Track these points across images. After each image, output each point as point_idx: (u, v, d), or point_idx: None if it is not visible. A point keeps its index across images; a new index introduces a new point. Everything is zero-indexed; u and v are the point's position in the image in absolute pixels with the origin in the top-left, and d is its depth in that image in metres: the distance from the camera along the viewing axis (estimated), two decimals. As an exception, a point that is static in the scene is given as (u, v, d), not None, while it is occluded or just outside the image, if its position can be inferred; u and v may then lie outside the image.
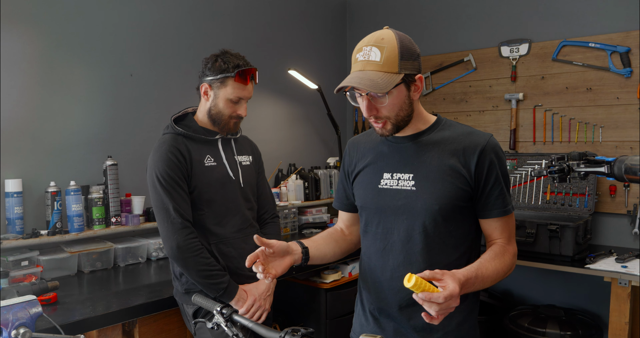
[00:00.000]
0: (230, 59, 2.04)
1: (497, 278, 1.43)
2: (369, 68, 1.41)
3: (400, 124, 1.49)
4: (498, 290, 3.60)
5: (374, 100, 1.44)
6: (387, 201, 1.54)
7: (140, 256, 2.67)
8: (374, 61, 1.41)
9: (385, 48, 1.41)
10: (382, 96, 1.42)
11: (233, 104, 2.06)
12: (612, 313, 2.57)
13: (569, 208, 3.16)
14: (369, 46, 1.42)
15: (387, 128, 1.49)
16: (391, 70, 1.40)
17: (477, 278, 1.34)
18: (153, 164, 2.00)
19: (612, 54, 3.10)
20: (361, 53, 1.43)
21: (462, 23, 3.74)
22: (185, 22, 3.16)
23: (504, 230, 1.50)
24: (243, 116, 2.10)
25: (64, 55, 2.64)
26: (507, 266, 1.46)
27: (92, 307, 1.94)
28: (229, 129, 2.11)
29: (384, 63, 1.40)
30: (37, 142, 2.54)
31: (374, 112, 1.46)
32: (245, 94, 2.07)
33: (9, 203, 2.37)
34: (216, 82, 2.04)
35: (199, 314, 1.99)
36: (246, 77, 2.04)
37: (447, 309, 1.21)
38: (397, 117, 1.47)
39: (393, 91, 1.42)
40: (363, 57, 1.43)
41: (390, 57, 1.40)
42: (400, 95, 1.45)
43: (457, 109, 3.79)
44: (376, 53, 1.41)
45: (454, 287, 1.21)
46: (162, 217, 1.96)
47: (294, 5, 3.91)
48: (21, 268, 2.25)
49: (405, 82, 1.44)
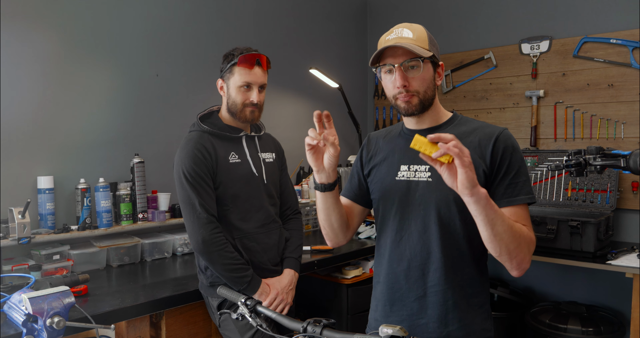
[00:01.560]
0: (235, 50, 2.10)
1: (513, 235, 1.36)
2: (404, 40, 1.50)
3: (425, 103, 1.54)
4: (519, 286, 3.60)
5: (407, 71, 1.51)
6: (404, 192, 1.57)
7: (166, 251, 2.74)
8: (407, 37, 1.51)
9: (416, 29, 1.53)
10: (415, 68, 1.50)
11: (244, 91, 2.09)
12: (634, 309, 2.56)
13: (590, 205, 3.15)
14: (401, 27, 1.54)
15: (414, 102, 1.52)
16: (423, 46, 1.51)
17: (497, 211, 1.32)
18: (180, 161, 2.06)
19: (633, 50, 3.08)
20: (392, 34, 1.53)
21: (482, 21, 3.74)
22: (209, 22, 3.23)
23: (520, 219, 1.46)
24: (255, 102, 2.10)
25: (91, 55, 2.72)
26: (524, 237, 1.40)
27: (121, 299, 2.00)
28: (246, 118, 2.12)
29: (417, 39, 1.51)
30: (68, 140, 2.63)
31: (405, 82, 1.50)
32: (253, 79, 2.08)
33: (41, 199, 2.46)
34: (227, 74, 2.11)
35: (223, 306, 2.05)
36: (250, 62, 2.06)
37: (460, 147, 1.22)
38: (425, 93, 1.53)
39: (424, 65, 1.50)
40: (395, 35, 1.52)
41: (421, 37, 1.52)
42: (430, 72, 1.54)
43: (477, 107, 3.79)
44: (408, 32, 1.52)
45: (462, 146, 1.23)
46: (188, 212, 2.02)
47: (315, 5, 3.96)
48: (53, 262, 2.33)
49: (433, 63, 1.55)
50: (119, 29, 2.82)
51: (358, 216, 1.76)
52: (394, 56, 1.50)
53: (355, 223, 1.76)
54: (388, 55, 1.52)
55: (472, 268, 1.55)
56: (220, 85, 2.16)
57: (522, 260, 1.42)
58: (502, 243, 1.36)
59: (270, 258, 2.15)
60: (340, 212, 1.64)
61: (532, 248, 1.46)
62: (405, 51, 1.49)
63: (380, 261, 1.68)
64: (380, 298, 1.66)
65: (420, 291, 1.55)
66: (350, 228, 1.72)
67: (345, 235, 1.70)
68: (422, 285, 1.54)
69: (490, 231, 1.34)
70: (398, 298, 1.60)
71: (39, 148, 2.53)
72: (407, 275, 1.57)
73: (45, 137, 2.55)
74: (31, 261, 2.30)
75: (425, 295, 1.54)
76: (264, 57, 2.11)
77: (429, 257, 1.53)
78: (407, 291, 1.57)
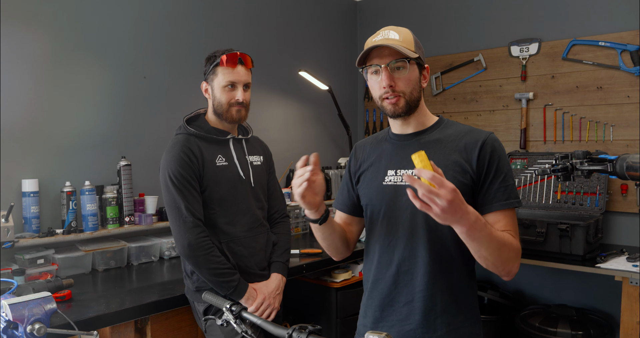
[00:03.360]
0: (217, 52, 2.09)
1: (500, 251, 1.37)
2: (390, 41, 1.50)
3: (411, 104, 1.54)
4: (509, 289, 3.60)
5: (393, 72, 1.51)
6: (392, 196, 1.56)
7: (153, 255, 2.71)
8: (393, 38, 1.51)
9: (402, 32, 1.54)
10: (401, 69, 1.50)
11: (229, 91, 2.07)
12: (624, 312, 2.56)
13: (579, 207, 3.15)
14: (387, 30, 1.54)
15: (400, 104, 1.52)
16: (410, 47, 1.52)
17: (485, 227, 1.31)
18: (166, 164, 2.03)
19: (622, 52, 3.08)
20: (379, 36, 1.54)
21: (472, 23, 3.74)
22: (198, 25, 3.21)
23: (507, 225, 1.48)
24: (241, 100, 2.08)
25: (79, 57, 2.69)
26: (513, 247, 1.41)
27: (106, 304, 1.97)
28: (232, 118, 2.10)
29: (403, 41, 1.52)
30: (53, 143, 2.60)
31: (391, 83, 1.50)
32: (237, 78, 2.07)
33: (25, 202, 2.42)
34: (210, 75, 2.10)
35: (209, 312, 2.02)
36: (233, 61, 2.05)
37: (434, 195, 1.18)
38: (410, 95, 1.53)
39: (410, 66, 1.51)
40: (382, 36, 1.53)
41: (407, 38, 1.53)
42: (415, 73, 1.54)
43: (467, 109, 3.79)
44: (394, 34, 1.52)
45: (449, 183, 1.19)
46: (174, 216, 1.99)
47: (305, 7, 3.94)
48: (37, 266, 2.30)
49: (419, 65, 1.55)
50: (106, 32, 2.79)
51: (357, 226, 1.78)
52: (380, 56, 1.51)
53: (356, 234, 1.78)
54: (374, 56, 1.52)
55: (461, 272, 1.54)
56: (205, 88, 2.14)
57: (510, 269, 1.44)
58: (489, 261, 1.40)
59: (257, 262, 2.13)
60: (340, 234, 1.67)
61: (519, 256, 1.47)
62: (391, 51, 1.49)
63: (369, 266, 1.67)
64: (369, 304, 1.64)
65: (409, 296, 1.54)
66: (352, 240, 1.76)
67: (349, 248, 1.75)
68: (410, 290, 1.53)
69: (477, 254, 1.39)
70: (387, 303, 1.58)
71: (24, 150, 2.50)
72: (395, 280, 1.56)
73: (30, 139, 2.52)
74: (15, 266, 2.27)
75: (414, 300, 1.53)
76: (246, 56, 2.10)
77: (416, 262, 1.52)
78: (396, 297, 1.56)
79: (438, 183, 1.18)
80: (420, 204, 1.22)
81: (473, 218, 1.27)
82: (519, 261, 1.47)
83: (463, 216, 1.25)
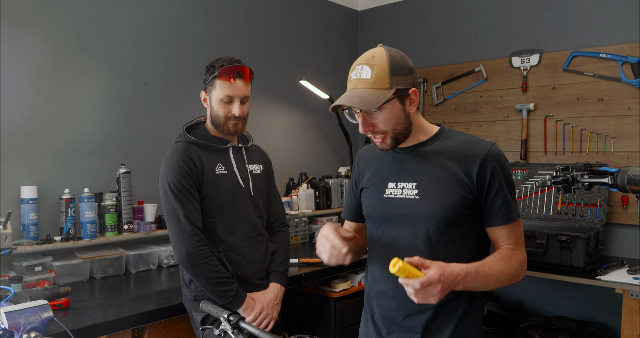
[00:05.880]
0: (217, 61, 2.07)
1: (501, 280, 1.44)
2: (360, 86, 1.46)
3: (399, 138, 1.53)
4: (509, 300, 3.58)
5: (368, 116, 1.49)
6: (392, 210, 1.55)
7: (151, 263, 2.70)
8: (365, 78, 1.45)
9: (375, 65, 1.45)
10: (375, 112, 1.47)
11: (226, 104, 2.06)
12: (624, 325, 2.54)
13: (580, 219, 3.14)
14: (361, 64, 1.48)
15: (387, 142, 1.52)
16: (382, 86, 1.45)
17: (477, 274, 1.37)
18: (165, 172, 2.03)
19: (623, 64, 3.09)
20: (354, 72, 1.49)
21: (473, 34, 3.75)
22: (199, 32, 3.21)
23: (510, 236, 1.51)
24: (237, 115, 2.06)
25: (80, 64, 2.69)
26: (514, 270, 1.46)
27: (103, 313, 1.96)
28: (229, 131, 2.09)
29: (375, 80, 1.45)
30: (53, 150, 2.59)
31: (370, 128, 1.50)
32: (234, 92, 2.04)
33: (24, 209, 2.42)
34: (209, 86, 2.09)
35: (207, 321, 2.01)
36: (231, 75, 2.02)
37: (426, 295, 1.29)
38: (394, 131, 1.50)
39: (385, 106, 1.46)
40: (355, 75, 1.48)
41: (380, 74, 1.45)
42: (395, 109, 1.48)
43: (468, 119, 3.79)
44: (367, 71, 1.46)
45: (434, 274, 1.28)
46: (173, 224, 1.98)
47: (306, 16, 3.95)
48: (35, 274, 2.29)
49: (399, 97, 1.48)
50: (107, 39, 2.79)
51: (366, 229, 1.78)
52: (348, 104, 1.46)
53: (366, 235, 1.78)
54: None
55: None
56: (204, 97, 2.13)
57: (516, 282, 1.50)
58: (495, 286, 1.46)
59: (256, 271, 2.12)
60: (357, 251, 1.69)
61: (524, 266, 1.51)
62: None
63: (369, 278, 1.67)
64: (370, 315, 1.65)
65: (409, 309, 1.53)
66: (364, 244, 1.78)
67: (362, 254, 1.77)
68: (410, 303, 1.51)
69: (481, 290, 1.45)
70: (387, 315, 1.58)
71: (23, 156, 2.49)
72: (395, 293, 1.55)
73: (30, 146, 2.52)
74: (12, 273, 2.25)
75: (414, 313, 1.52)
76: (246, 69, 2.07)
77: (416, 276, 1.51)
78: (396, 309, 1.56)
79: (423, 287, 1.27)
80: (418, 301, 1.32)
81: (462, 278, 1.35)
82: (523, 272, 1.51)
83: (455, 285, 1.34)
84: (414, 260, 1.30)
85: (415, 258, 1.30)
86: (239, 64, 2.06)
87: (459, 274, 1.33)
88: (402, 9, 4.13)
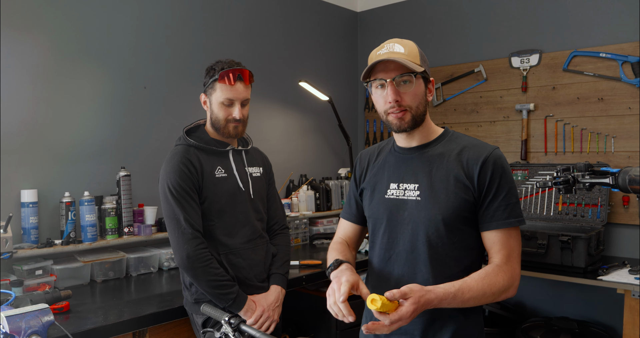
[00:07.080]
0: (217, 64, 2.06)
1: (482, 301, 1.41)
2: (396, 55, 1.47)
3: (417, 119, 1.52)
4: (510, 301, 3.57)
5: (399, 86, 1.49)
6: (393, 211, 1.55)
7: (152, 266, 2.70)
8: (399, 51, 1.49)
9: (407, 45, 1.51)
10: (408, 82, 1.48)
11: (226, 107, 2.06)
12: (626, 325, 2.54)
13: (581, 219, 3.14)
14: (391, 43, 1.51)
15: (406, 119, 1.51)
16: (415, 61, 1.49)
17: (454, 298, 1.36)
18: (165, 175, 2.03)
19: (623, 64, 3.09)
20: (383, 49, 1.51)
21: (473, 34, 3.75)
22: (198, 35, 3.21)
23: (503, 246, 1.47)
24: (238, 118, 2.06)
25: (79, 67, 2.69)
26: (498, 288, 1.42)
27: (104, 316, 1.96)
28: (229, 133, 2.09)
29: (409, 54, 1.49)
30: (53, 153, 2.59)
31: (398, 97, 1.48)
32: (235, 95, 2.04)
33: (24, 213, 2.41)
34: (209, 89, 2.08)
35: (208, 324, 2.01)
36: (231, 78, 2.02)
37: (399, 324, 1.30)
38: (417, 109, 1.51)
39: (416, 80, 1.49)
40: (387, 49, 1.50)
41: (412, 52, 1.50)
42: (421, 87, 1.52)
43: (468, 120, 3.79)
44: (399, 47, 1.50)
45: (405, 312, 1.28)
46: (173, 227, 1.98)
47: (305, 17, 3.95)
48: (35, 277, 2.28)
49: (425, 79, 1.53)
50: (106, 42, 2.79)
51: (361, 235, 1.80)
52: (385, 70, 1.48)
53: (358, 243, 1.82)
54: (379, 70, 1.50)
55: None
56: (204, 100, 2.13)
57: (503, 299, 1.47)
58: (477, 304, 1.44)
59: (256, 274, 2.12)
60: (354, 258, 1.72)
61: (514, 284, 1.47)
62: (397, 65, 1.47)
63: (370, 279, 1.67)
64: (370, 317, 1.64)
65: None
66: (355, 249, 1.81)
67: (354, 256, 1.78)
68: None
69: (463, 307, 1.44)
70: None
71: (23, 160, 2.49)
72: None
73: (30, 149, 2.51)
74: (13, 277, 2.25)
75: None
76: (246, 72, 2.07)
77: (416, 277, 1.51)
78: None
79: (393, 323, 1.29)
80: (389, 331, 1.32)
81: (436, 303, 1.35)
82: (514, 286, 1.47)
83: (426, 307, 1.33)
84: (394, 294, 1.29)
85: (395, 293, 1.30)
86: (239, 66, 2.06)
87: (433, 301, 1.33)
88: (401, 10, 4.13)
